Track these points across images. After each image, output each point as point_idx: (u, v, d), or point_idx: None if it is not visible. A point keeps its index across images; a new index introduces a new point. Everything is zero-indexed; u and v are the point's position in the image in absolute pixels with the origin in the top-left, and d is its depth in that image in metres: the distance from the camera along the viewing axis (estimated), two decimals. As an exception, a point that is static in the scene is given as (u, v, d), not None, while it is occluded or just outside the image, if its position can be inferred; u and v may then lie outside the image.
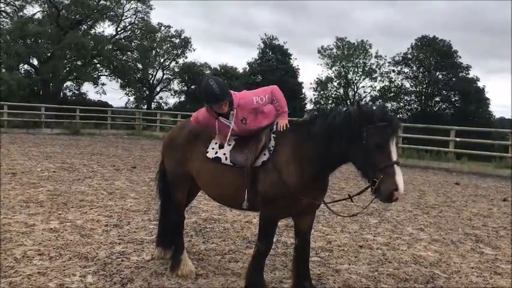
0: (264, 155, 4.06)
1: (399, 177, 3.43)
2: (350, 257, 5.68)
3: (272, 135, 4.13)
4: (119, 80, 43.87)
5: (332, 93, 52.04)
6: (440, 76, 49.01)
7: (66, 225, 6.31)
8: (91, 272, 4.69)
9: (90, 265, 4.87)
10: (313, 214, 4.30)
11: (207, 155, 4.38)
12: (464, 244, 6.53)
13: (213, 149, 4.37)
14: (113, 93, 73.39)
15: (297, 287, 4.26)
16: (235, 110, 4.19)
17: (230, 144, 4.30)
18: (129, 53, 43.20)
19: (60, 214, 6.90)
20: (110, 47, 39.66)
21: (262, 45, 47.62)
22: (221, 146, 4.33)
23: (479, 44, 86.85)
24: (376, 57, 50.95)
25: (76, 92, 43.71)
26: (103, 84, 43.02)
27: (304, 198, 3.92)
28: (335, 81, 51.65)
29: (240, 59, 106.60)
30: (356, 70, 51.30)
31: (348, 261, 5.52)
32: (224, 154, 4.28)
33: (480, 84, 47.51)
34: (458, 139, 17.33)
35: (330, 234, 6.62)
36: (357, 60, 50.90)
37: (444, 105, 49.40)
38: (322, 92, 52.11)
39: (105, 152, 16.39)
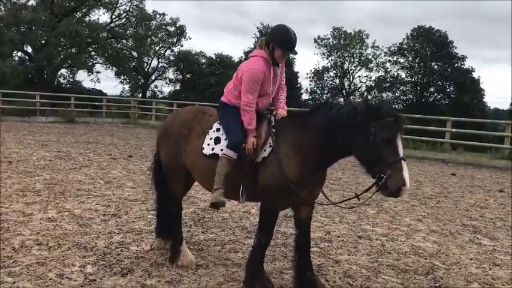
0: (265, 150, 4.02)
1: (406, 173, 3.44)
2: (349, 247, 5.68)
3: (272, 130, 4.09)
4: (114, 68, 43.66)
5: (328, 83, 52.04)
6: (435, 66, 49.05)
7: (64, 215, 6.27)
8: (90, 262, 4.66)
9: (90, 255, 4.84)
10: (312, 204, 4.28)
11: (203, 151, 4.30)
12: (462, 235, 6.55)
13: (208, 145, 4.29)
14: (108, 82, 73.26)
15: (299, 278, 4.24)
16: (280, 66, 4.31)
17: (227, 139, 4.24)
18: (124, 40, 42.94)
19: (57, 203, 6.85)
20: (105, 34, 39.35)
21: (258, 34, 47.39)
22: (217, 141, 4.27)
23: (474, 34, 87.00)
24: (372, 47, 50.91)
25: (70, 79, 43.52)
26: (98, 72, 42.90)
27: (302, 192, 3.92)
28: (331, 71, 51.60)
29: (235, 47, 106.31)
30: (352, 60, 51.25)
31: (348, 251, 5.52)
32: (221, 150, 4.20)
33: (475, 74, 47.67)
34: (454, 130, 17.35)
35: (328, 225, 6.62)
36: (353, 50, 50.83)
37: (439, 96, 49.51)
38: (318, 82, 52.08)
39: (101, 140, 16.31)
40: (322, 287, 4.26)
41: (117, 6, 40.50)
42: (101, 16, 74.88)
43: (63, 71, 41.60)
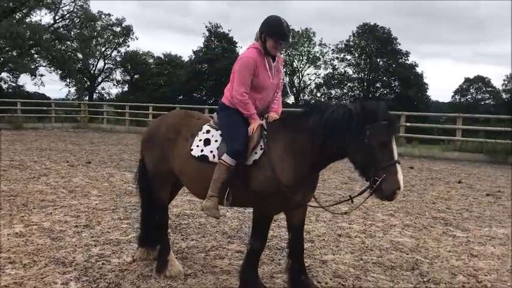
0: (256, 153, 3.94)
1: (401, 176, 3.45)
2: (332, 246, 5.70)
3: (263, 132, 4.02)
4: (58, 70, 42.16)
5: (278, 81, 52.37)
6: (381, 63, 50.47)
7: (33, 229, 5.93)
8: (73, 278, 4.41)
9: (70, 271, 4.59)
10: (305, 208, 4.24)
11: (192, 153, 4.19)
12: (435, 228, 6.72)
13: (197, 146, 4.19)
14: (52, 85, 70.16)
15: (293, 282, 4.19)
16: (276, 58, 4.26)
17: (217, 141, 4.15)
18: (68, 42, 41.55)
19: (23, 216, 6.48)
20: (48, 36, 37.85)
21: (207, 33, 47.08)
22: (206, 143, 4.17)
23: (413, 29, 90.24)
24: (320, 45, 51.78)
25: (12, 84, 41.70)
26: (41, 75, 41.32)
27: (296, 196, 3.86)
28: (281, 69, 51.98)
29: (185, 47, 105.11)
30: (301, 58, 51.89)
31: (331, 251, 5.53)
32: (211, 152, 4.11)
33: (418, 69, 49.44)
34: (408, 124, 17.89)
35: (306, 224, 6.56)
36: (301, 49, 51.44)
37: (385, 91, 50.97)
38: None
39: (54, 147, 15.64)
40: (317, 290, 4.24)
41: (60, 6, 39.20)
42: (43, 17, 71.83)
43: (4, 74, 39.82)
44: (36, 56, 39.26)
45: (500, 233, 6.57)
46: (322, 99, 50.71)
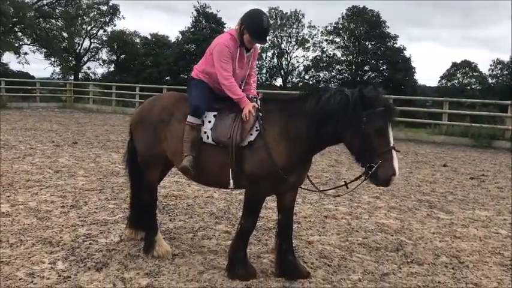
0: (251, 134, 3.95)
1: (396, 162, 3.49)
2: (318, 227, 5.77)
3: (259, 114, 4.02)
4: (43, 49, 41.46)
5: (266, 63, 52.16)
6: (369, 46, 50.35)
7: (19, 208, 5.91)
8: (60, 257, 4.42)
9: (57, 250, 4.60)
10: (296, 189, 4.28)
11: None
12: (420, 210, 6.82)
13: None
14: (37, 64, 69.10)
15: (281, 262, 4.24)
16: (252, 48, 4.34)
17: (210, 122, 4.15)
18: (53, 20, 40.84)
19: (8, 196, 6.44)
20: (32, 14, 37.12)
21: (195, 13, 46.49)
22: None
23: (401, 12, 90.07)
24: (308, 27, 51.52)
25: (-5, 62, 40.88)
26: (25, 53, 40.58)
27: (291, 178, 3.89)
28: (269, 51, 51.72)
29: (172, 27, 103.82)
30: (289, 40, 51.63)
31: (318, 232, 5.60)
32: (205, 133, 4.12)
33: (407, 53, 49.48)
34: (397, 108, 17.95)
35: (293, 206, 6.66)
36: (290, 30, 51.15)
37: (373, 74, 50.98)
38: (256, 62, 52.06)
39: (39, 126, 15.45)
40: (303, 270, 4.30)
41: (45, -17, 38.35)
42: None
43: (-14, 53, 39.03)
44: (20, 34, 38.55)
45: (483, 215, 6.70)
46: (310, 82, 50.72)
